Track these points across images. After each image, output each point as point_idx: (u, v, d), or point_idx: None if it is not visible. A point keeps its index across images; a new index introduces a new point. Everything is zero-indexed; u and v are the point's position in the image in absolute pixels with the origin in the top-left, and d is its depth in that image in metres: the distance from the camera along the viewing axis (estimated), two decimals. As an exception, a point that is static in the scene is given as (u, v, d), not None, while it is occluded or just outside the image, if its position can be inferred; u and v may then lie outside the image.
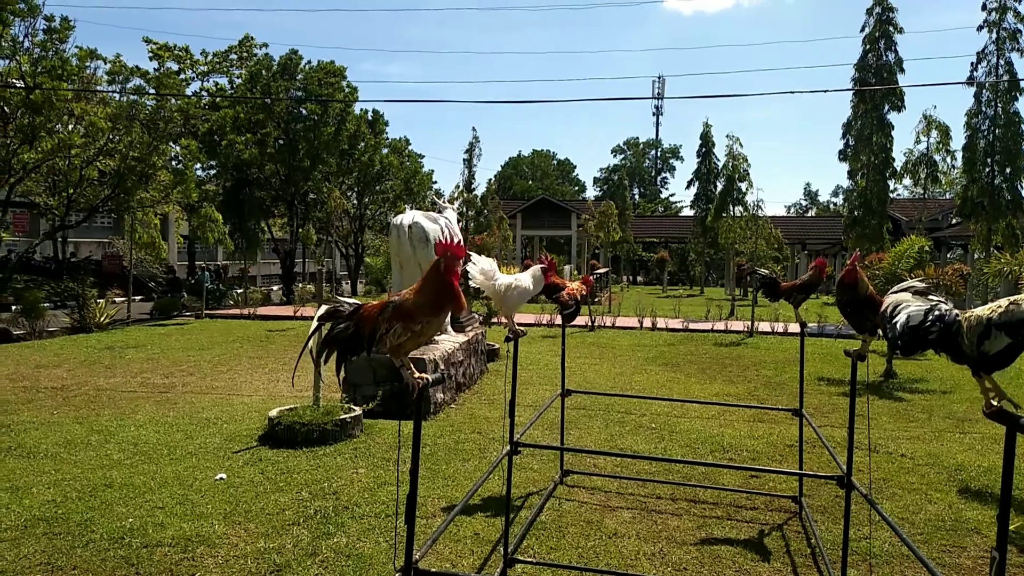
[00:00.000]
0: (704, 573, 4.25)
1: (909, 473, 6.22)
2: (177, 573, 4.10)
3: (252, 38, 27.57)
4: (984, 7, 18.02)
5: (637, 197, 73.17)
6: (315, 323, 2.77)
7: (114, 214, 20.59)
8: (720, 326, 17.89)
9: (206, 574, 4.09)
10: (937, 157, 20.84)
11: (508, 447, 4.11)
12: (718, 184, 30.69)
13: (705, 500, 5.58)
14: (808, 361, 11.51)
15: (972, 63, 18.34)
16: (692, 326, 17.87)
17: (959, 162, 19.61)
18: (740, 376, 11.19)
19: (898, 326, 2.45)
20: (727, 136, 29.00)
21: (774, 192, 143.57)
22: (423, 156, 31.21)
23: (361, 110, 28.24)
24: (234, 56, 27.78)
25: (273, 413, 6.92)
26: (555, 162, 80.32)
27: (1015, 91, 17.77)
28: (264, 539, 4.54)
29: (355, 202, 28.30)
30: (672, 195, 77.24)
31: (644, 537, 4.74)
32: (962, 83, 18.56)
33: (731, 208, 24.80)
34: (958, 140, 19.28)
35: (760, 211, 22.99)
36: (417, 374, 2.70)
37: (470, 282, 4.51)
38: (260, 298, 23.72)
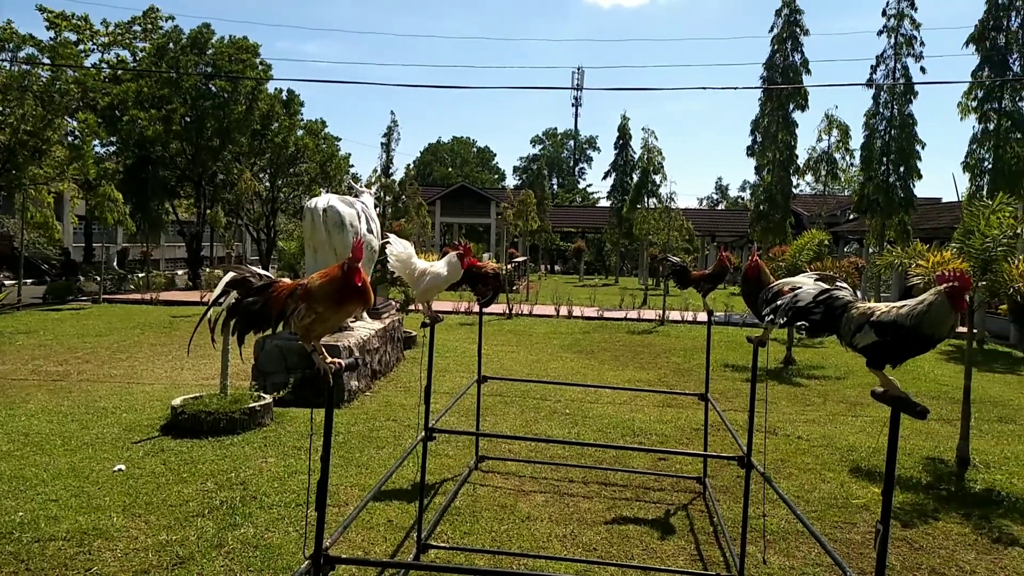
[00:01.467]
0: (613, 553, 4.37)
1: (805, 454, 6.57)
2: (72, 568, 3.90)
3: (158, 9, 26.18)
4: (884, 13, 19.05)
5: (556, 187, 73.88)
6: (220, 288, 2.64)
7: (3, 192, 19.17)
8: (633, 315, 18.34)
9: (103, 568, 3.91)
10: (837, 155, 21.98)
11: (423, 433, 4.10)
12: (634, 176, 31.33)
13: (616, 483, 5.73)
14: (715, 348, 11.95)
15: (872, 66, 19.34)
16: (607, 314, 18.25)
17: (857, 160, 20.75)
18: (651, 363, 11.51)
19: (785, 305, 2.59)
20: (643, 129, 29.67)
21: (687, 185, 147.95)
22: (340, 139, 30.45)
23: (275, 89, 27.30)
24: (138, 28, 26.31)
25: (176, 402, 6.66)
26: (475, 149, 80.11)
27: (910, 94, 18.85)
28: (166, 531, 4.37)
29: (267, 184, 27.37)
30: (589, 185, 78.29)
31: (556, 520, 4.83)
32: (862, 84, 19.60)
33: (646, 200, 25.37)
34: (857, 139, 20.39)
35: (673, 203, 23.63)
36: (330, 359, 2.65)
37: (390, 265, 4.46)
38: (163, 282, 22.71)
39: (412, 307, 14.01)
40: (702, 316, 17.23)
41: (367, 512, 4.73)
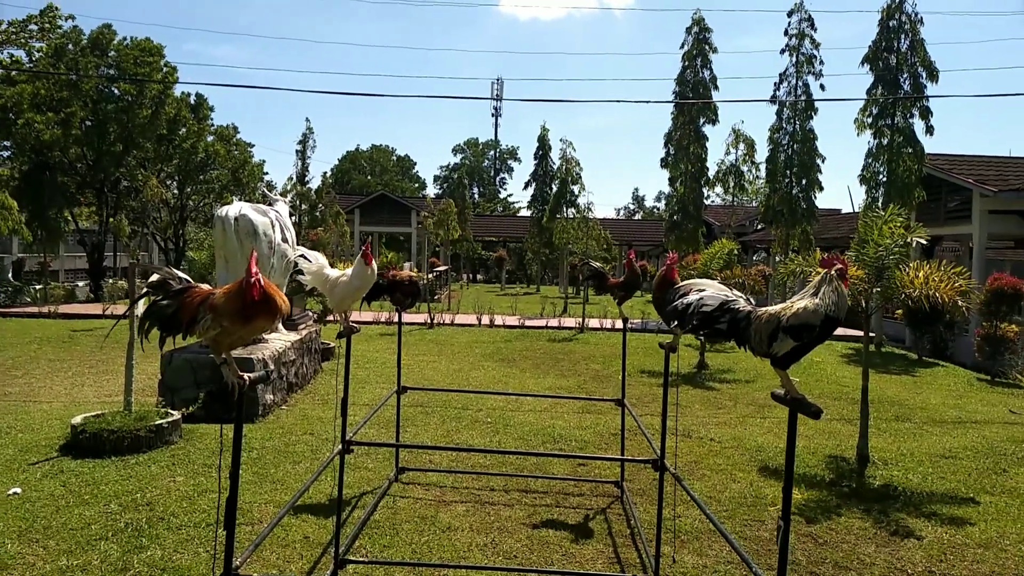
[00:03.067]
0: (533, 559, 4.40)
1: (717, 456, 6.79)
2: (-44, 603, 3.64)
3: (56, 8, 24.86)
4: (786, 33, 20.04)
5: (477, 196, 74.03)
6: (144, 289, 2.69)
7: None
8: (554, 323, 18.56)
9: (-8, 602, 3.66)
10: (744, 168, 22.92)
11: (340, 446, 4.03)
12: (553, 186, 31.75)
13: (536, 490, 5.78)
14: (632, 355, 12.25)
15: (775, 83, 20.30)
16: (528, 323, 18.39)
17: (763, 173, 21.67)
18: (571, 370, 11.67)
19: (691, 307, 2.66)
20: (561, 140, 30.08)
21: (606, 195, 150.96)
22: (253, 145, 29.67)
23: (183, 93, 26.38)
24: (34, 27, 24.88)
25: (77, 420, 6.30)
26: (395, 158, 79.39)
27: (810, 110, 19.89)
28: (67, 556, 4.13)
29: (175, 192, 26.36)
30: (510, 195, 78.81)
31: (477, 529, 4.83)
32: (766, 101, 20.54)
33: (565, 210, 25.74)
34: (763, 153, 21.26)
35: (591, 213, 24.06)
36: (240, 373, 2.58)
37: (300, 278, 4.39)
38: (63, 295, 21.51)
39: (330, 318, 13.74)
40: (620, 324, 17.59)
41: (283, 529, 4.61)
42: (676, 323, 2.74)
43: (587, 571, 4.25)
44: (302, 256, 4.30)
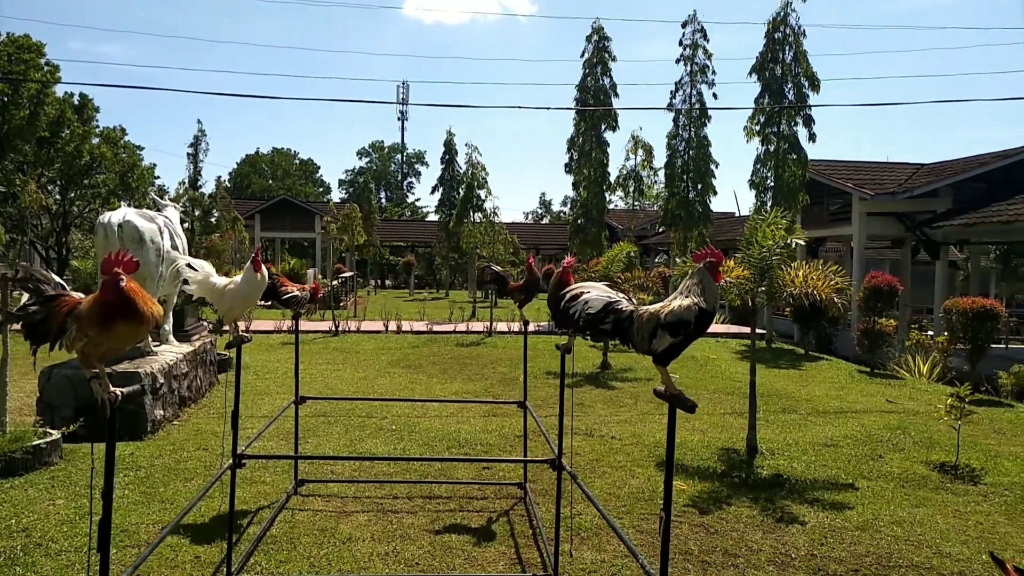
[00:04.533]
0: (435, 565, 4.39)
1: (617, 453, 6.97)
2: None
3: (-84, -2, 23.00)
4: (680, 43, 20.82)
5: (384, 201, 73.13)
6: (9, 286, 2.50)
7: None
8: (462, 327, 18.55)
9: None
10: (643, 173, 23.65)
11: (231, 460, 3.90)
12: (460, 191, 31.76)
13: (440, 495, 5.76)
14: (539, 357, 12.39)
15: (672, 91, 21.08)
16: (436, 328, 18.30)
17: (661, 178, 22.46)
18: (478, 374, 11.69)
19: (577, 310, 2.75)
20: (467, 145, 30.04)
21: (514, 199, 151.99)
22: (143, 148, 28.24)
23: (66, 93, 24.86)
24: None
25: (-59, 445, 5.82)
26: (297, 161, 77.38)
27: (704, 118, 20.76)
28: (-77, 595, 3.81)
29: (58, 197, 24.78)
30: (418, 200, 78.19)
31: (379, 538, 4.77)
32: (663, 108, 21.29)
33: (471, 214, 25.81)
34: (661, 158, 22.03)
35: (497, 217, 24.22)
36: (111, 388, 2.46)
37: (186, 288, 4.24)
38: (-70, 309, 19.82)
39: (226, 328, 13.24)
40: (527, 326, 17.73)
41: (171, 550, 4.41)
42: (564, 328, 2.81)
43: (488, 573, 4.28)
44: (187, 265, 4.15)
